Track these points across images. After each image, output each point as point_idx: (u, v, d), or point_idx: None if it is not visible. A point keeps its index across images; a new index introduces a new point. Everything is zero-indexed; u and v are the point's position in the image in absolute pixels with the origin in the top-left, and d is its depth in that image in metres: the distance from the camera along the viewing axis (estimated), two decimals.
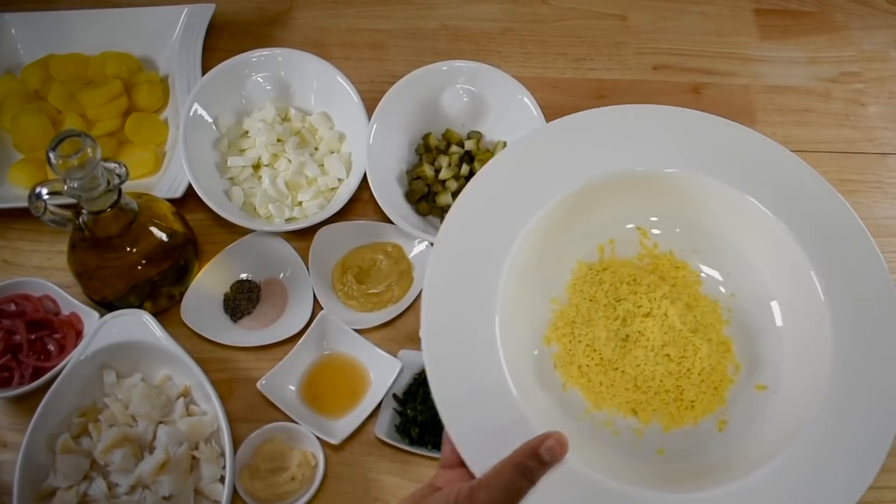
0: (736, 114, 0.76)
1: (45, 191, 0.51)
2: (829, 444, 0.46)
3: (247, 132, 0.69)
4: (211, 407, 0.56)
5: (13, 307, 0.59)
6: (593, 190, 0.53)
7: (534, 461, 0.41)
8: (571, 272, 0.54)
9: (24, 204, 0.52)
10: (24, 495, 0.51)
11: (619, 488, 0.43)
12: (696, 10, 0.83)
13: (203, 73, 0.69)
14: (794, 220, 0.52)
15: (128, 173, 0.52)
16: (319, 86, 0.69)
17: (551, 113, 0.65)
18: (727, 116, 0.56)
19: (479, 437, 0.43)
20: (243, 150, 0.68)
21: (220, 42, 0.76)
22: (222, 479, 0.54)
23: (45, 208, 0.52)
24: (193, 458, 0.55)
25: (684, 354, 0.52)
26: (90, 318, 0.59)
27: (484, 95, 0.68)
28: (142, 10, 0.75)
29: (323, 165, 0.67)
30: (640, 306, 0.53)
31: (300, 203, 0.66)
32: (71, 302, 0.59)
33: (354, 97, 0.67)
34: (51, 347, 0.59)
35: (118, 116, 0.69)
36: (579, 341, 0.52)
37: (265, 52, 0.69)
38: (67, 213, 0.54)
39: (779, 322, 0.53)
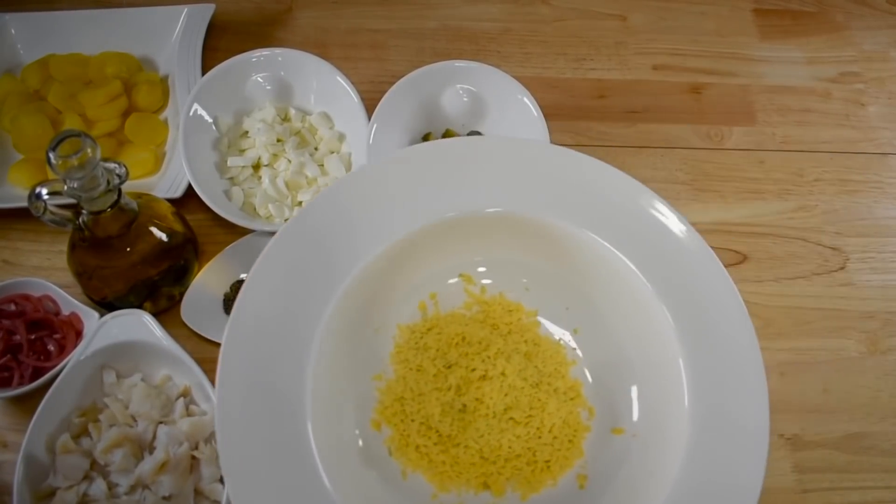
0: (736, 114, 0.76)
1: (45, 191, 0.51)
2: (698, 492, 0.42)
3: (247, 132, 0.69)
4: (211, 407, 0.56)
5: (13, 307, 0.59)
6: (406, 246, 0.48)
7: None
8: (393, 340, 0.49)
9: (24, 204, 0.52)
10: (24, 495, 0.51)
11: None
12: (696, 10, 0.83)
13: (203, 73, 0.69)
14: (633, 250, 0.48)
15: (128, 173, 0.52)
16: (319, 86, 0.69)
17: (551, 113, 0.65)
18: (727, 116, 0.56)
19: None
20: (243, 150, 0.68)
21: (220, 42, 0.76)
22: (222, 480, 0.54)
23: (45, 208, 0.52)
24: (193, 458, 0.55)
25: (531, 414, 0.48)
26: (90, 318, 0.59)
27: (484, 95, 0.68)
28: (142, 10, 0.75)
29: (323, 165, 0.67)
30: (473, 369, 0.48)
31: (300, 203, 0.66)
32: (71, 302, 0.59)
33: (354, 97, 0.67)
34: (51, 347, 0.59)
35: (118, 116, 0.69)
36: (412, 420, 0.47)
37: (265, 52, 0.69)
38: (67, 213, 0.54)
39: (629, 354, 0.49)
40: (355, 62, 0.76)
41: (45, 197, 0.51)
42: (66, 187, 0.50)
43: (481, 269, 0.51)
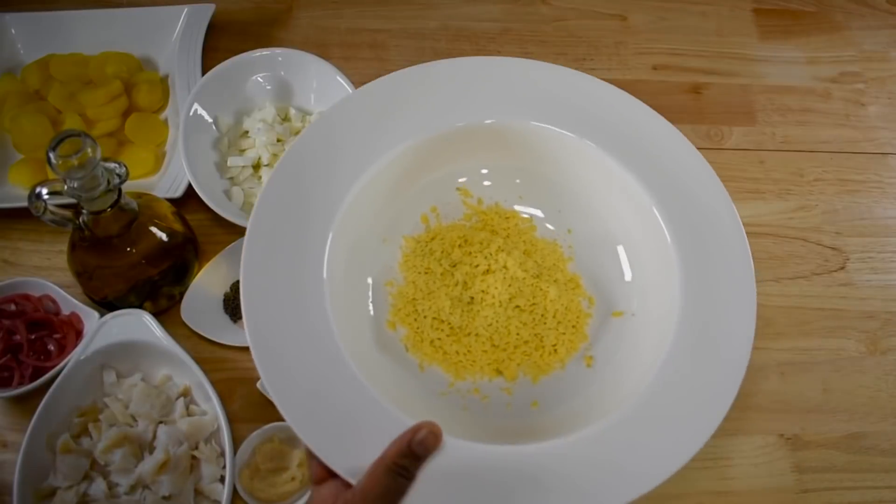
0: (736, 114, 0.76)
1: (45, 191, 0.51)
2: (696, 361, 0.46)
3: (247, 132, 0.69)
4: (211, 407, 0.56)
5: (13, 307, 0.59)
6: (408, 157, 0.51)
7: (407, 458, 0.39)
8: (400, 250, 0.53)
9: (24, 204, 0.52)
10: (24, 495, 0.51)
11: (495, 451, 0.42)
12: (696, 10, 0.83)
13: (203, 73, 0.69)
14: (622, 151, 0.52)
15: (128, 173, 0.52)
16: (319, 86, 0.69)
17: None
18: (727, 116, 0.57)
19: (340, 440, 0.41)
20: (243, 150, 0.68)
21: (220, 42, 0.76)
22: (222, 479, 0.54)
23: (45, 208, 0.52)
24: (193, 457, 0.55)
25: (534, 301, 0.51)
26: (90, 318, 0.59)
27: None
28: (142, 10, 0.75)
29: None
30: (477, 265, 0.51)
31: None
32: (71, 302, 0.59)
33: None
34: (51, 347, 0.59)
35: (118, 116, 0.69)
36: (424, 317, 0.50)
37: (265, 52, 0.69)
38: (67, 213, 0.54)
39: (620, 246, 0.53)
40: (355, 62, 0.76)
41: (46, 197, 0.51)
42: (66, 187, 0.50)
43: (483, 181, 0.55)
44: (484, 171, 0.55)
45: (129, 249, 0.57)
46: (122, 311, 0.57)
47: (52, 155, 0.47)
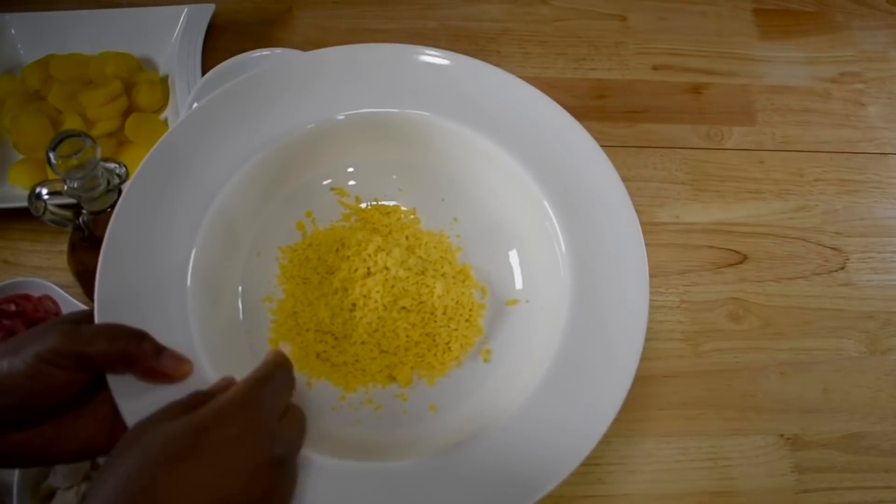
0: (736, 114, 0.76)
1: (45, 191, 0.51)
2: (588, 347, 0.45)
3: None
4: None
5: (13, 307, 0.59)
6: (271, 161, 0.48)
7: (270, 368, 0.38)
8: (277, 262, 0.50)
9: (24, 204, 0.52)
10: (24, 495, 0.51)
11: (384, 468, 0.40)
12: (696, 10, 0.83)
13: (203, 73, 0.69)
14: (497, 131, 0.50)
15: (128, 173, 0.52)
16: None
17: None
18: (727, 116, 0.57)
19: None
20: None
21: (220, 42, 0.76)
22: None
23: (45, 208, 0.52)
24: None
25: (421, 300, 0.49)
26: None
27: None
28: (142, 10, 0.75)
29: None
30: (356, 269, 0.49)
31: None
32: (71, 302, 0.59)
33: None
34: None
35: (118, 116, 0.69)
36: (307, 330, 0.48)
37: (265, 52, 0.69)
38: (67, 213, 0.54)
39: (509, 231, 0.52)
40: None
41: (45, 197, 0.51)
42: (66, 187, 0.50)
43: (351, 182, 0.53)
44: (355, 167, 0.53)
45: None
46: None
47: (51, 155, 0.47)
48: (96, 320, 0.41)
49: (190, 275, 0.44)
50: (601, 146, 0.50)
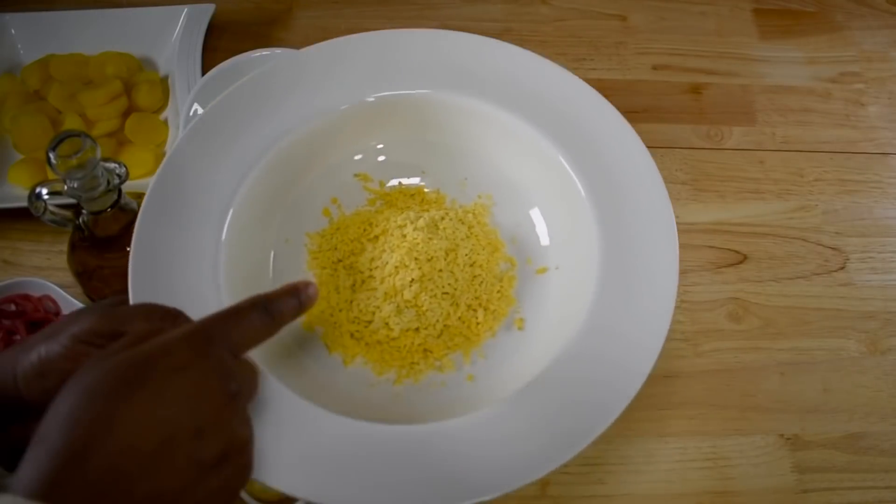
0: (736, 114, 0.76)
1: (45, 191, 0.51)
2: (620, 308, 0.46)
3: None
4: None
5: (13, 307, 0.59)
6: (294, 150, 0.50)
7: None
8: (305, 248, 0.52)
9: (24, 204, 0.52)
10: None
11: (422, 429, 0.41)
12: (696, 10, 0.83)
13: (203, 73, 0.69)
14: (520, 106, 0.51)
15: (128, 173, 0.52)
16: None
17: None
18: (727, 116, 0.57)
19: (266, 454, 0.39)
20: None
21: (220, 42, 0.76)
22: None
23: (45, 208, 0.52)
24: None
25: (452, 275, 0.50)
26: None
27: None
28: (142, 10, 0.75)
29: None
30: (384, 250, 0.50)
31: None
32: (71, 302, 0.59)
33: None
34: None
35: (118, 116, 0.69)
36: (339, 310, 0.49)
37: (265, 52, 0.69)
38: (67, 213, 0.54)
39: (535, 204, 0.53)
40: None
41: (45, 197, 0.51)
42: (66, 187, 0.50)
43: (374, 166, 0.54)
44: (380, 151, 0.54)
45: (129, 249, 0.57)
46: None
47: (51, 155, 0.47)
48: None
49: (223, 269, 0.45)
50: None
